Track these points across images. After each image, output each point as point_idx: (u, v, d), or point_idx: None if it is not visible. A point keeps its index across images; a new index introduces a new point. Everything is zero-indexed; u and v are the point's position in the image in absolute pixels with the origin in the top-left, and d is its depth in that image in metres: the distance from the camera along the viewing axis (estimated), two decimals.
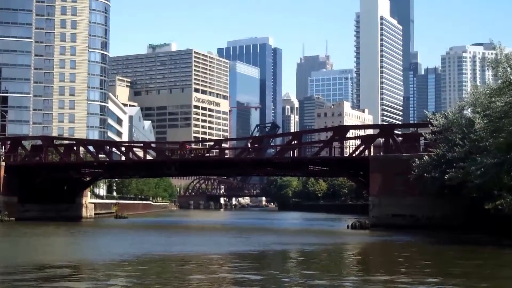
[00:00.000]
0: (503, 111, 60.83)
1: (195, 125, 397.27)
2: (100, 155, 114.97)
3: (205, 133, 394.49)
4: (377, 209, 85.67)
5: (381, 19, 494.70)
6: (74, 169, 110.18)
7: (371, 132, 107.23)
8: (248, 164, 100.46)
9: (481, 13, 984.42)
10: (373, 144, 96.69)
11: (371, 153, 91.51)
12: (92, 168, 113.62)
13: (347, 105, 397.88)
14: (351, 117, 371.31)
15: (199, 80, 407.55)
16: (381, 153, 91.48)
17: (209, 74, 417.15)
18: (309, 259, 46.53)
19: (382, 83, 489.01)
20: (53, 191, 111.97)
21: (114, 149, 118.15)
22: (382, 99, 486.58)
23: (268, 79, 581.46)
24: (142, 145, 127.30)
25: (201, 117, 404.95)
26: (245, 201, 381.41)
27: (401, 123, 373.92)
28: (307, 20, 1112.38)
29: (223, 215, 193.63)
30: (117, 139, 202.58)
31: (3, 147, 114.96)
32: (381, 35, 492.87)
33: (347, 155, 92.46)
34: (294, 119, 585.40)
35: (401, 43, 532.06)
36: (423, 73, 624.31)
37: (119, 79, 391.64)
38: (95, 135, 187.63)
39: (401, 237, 67.99)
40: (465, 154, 68.73)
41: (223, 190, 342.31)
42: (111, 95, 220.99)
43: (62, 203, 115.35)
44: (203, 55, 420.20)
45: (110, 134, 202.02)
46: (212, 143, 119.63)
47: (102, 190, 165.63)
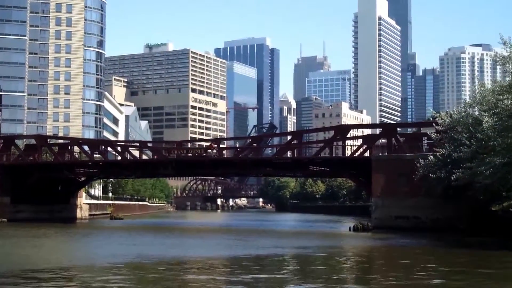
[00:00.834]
0: None
1: (192, 126, 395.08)
2: (95, 155, 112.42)
3: (202, 133, 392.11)
4: (380, 210, 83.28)
5: (379, 19, 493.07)
6: (68, 169, 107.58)
7: (370, 132, 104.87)
8: (246, 164, 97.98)
9: (479, 14, 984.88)
10: (374, 144, 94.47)
11: (372, 153, 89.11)
12: (86, 168, 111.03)
13: (345, 106, 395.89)
14: (349, 118, 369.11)
15: (196, 80, 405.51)
16: (383, 153, 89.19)
17: (206, 74, 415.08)
18: (314, 263, 44.07)
19: (380, 83, 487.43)
20: (46, 191, 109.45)
21: (109, 149, 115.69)
22: (380, 100, 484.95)
23: (265, 80, 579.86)
24: (138, 144, 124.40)
25: (198, 118, 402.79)
26: (242, 202, 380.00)
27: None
28: (305, 20, 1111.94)
29: (220, 217, 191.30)
30: (113, 139, 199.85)
31: None
32: (379, 35, 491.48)
33: (348, 155, 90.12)
34: (291, 120, 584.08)
35: (399, 44, 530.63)
36: (421, 74, 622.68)
37: (115, 79, 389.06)
38: (90, 135, 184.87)
39: (405, 240, 65.55)
40: (472, 154, 66.34)
41: (220, 191, 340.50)
42: (107, 94, 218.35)
43: (56, 203, 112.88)
44: (200, 55, 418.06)
45: (106, 133, 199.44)
46: (208, 144, 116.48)
47: (97, 190, 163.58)
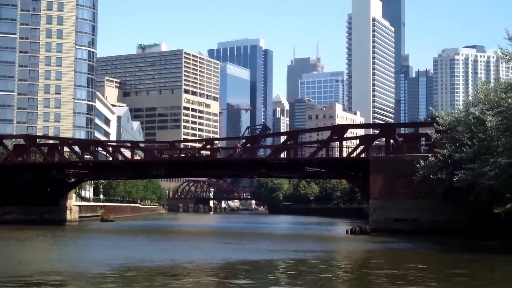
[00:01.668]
0: None
1: (185, 127, 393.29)
2: (85, 156, 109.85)
3: (194, 135, 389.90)
4: (378, 213, 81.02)
5: (373, 20, 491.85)
6: (57, 170, 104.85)
7: (364, 132, 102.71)
8: (241, 164, 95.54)
9: (472, 16, 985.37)
10: (371, 144, 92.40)
11: (369, 154, 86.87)
12: (76, 168, 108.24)
13: (338, 107, 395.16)
14: (343, 119, 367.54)
15: (189, 81, 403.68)
16: (381, 154, 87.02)
17: (199, 75, 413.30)
18: (314, 270, 41.57)
19: (374, 85, 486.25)
20: (35, 192, 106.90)
21: (100, 150, 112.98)
22: (374, 101, 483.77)
23: (258, 81, 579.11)
24: (129, 145, 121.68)
25: (191, 119, 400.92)
26: (235, 204, 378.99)
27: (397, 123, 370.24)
28: (298, 22, 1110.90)
29: (212, 219, 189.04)
30: (105, 140, 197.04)
31: None
32: (373, 36, 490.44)
33: (345, 156, 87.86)
34: (284, 121, 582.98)
35: (393, 45, 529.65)
36: (414, 76, 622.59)
37: (108, 80, 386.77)
38: (81, 135, 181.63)
39: (406, 244, 63.18)
40: (474, 154, 64.19)
41: (212, 193, 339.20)
42: (98, 94, 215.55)
43: (45, 205, 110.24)
44: (193, 55, 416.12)
45: (97, 134, 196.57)
46: (199, 145, 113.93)
47: (88, 192, 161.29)
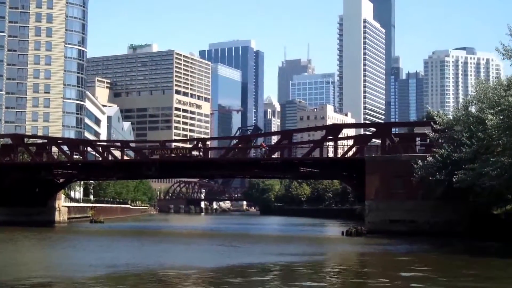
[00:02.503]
0: None
1: (176, 128, 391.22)
2: (75, 156, 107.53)
3: (186, 135, 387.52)
4: (374, 214, 79.34)
5: (365, 22, 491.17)
6: (45, 170, 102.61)
7: (356, 132, 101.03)
8: (234, 165, 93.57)
9: (462, 18, 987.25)
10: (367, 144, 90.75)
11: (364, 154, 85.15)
12: (65, 168, 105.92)
13: (329, 109, 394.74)
14: (334, 120, 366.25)
15: (180, 82, 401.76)
16: (376, 154, 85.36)
17: (191, 76, 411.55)
18: (313, 275, 39.65)
19: (365, 86, 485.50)
20: (23, 193, 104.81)
21: (90, 149, 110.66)
22: (365, 102, 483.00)
23: (250, 82, 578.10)
24: (119, 144, 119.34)
25: (182, 120, 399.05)
26: (226, 205, 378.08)
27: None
28: (289, 23, 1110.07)
29: (204, 220, 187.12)
30: (95, 139, 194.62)
31: None
32: (364, 38, 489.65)
33: (340, 156, 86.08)
34: (275, 122, 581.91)
35: (384, 47, 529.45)
36: (404, 77, 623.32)
37: (98, 80, 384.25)
38: (71, 135, 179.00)
39: (405, 246, 61.26)
40: (473, 154, 62.55)
41: (203, 194, 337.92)
42: (88, 93, 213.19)
43: (33, 206, 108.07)
44: (184, 56, 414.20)
45: (87, 134, 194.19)
46: (190, 145, 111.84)
47: (78, 193, 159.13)
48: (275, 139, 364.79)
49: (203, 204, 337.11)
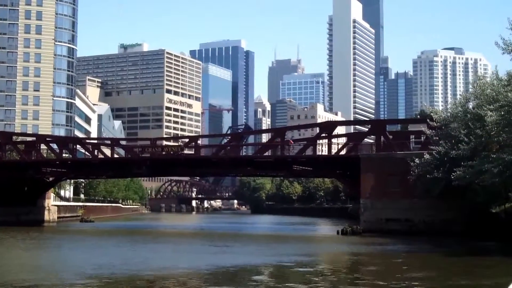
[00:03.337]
0: None
1: (167, 127, 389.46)
2: (64, 154, 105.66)
3: (176, 134, 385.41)
4: (369, 213, 78.13)
5: (354, 22, 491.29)
6: (34, 168, 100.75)
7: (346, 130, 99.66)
8: (226, 163, 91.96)
9: (450, 19, 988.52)
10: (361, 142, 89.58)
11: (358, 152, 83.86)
12: (54, 167, 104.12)
13: (320, 108, 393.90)
14: (324, 120, 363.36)
15: (171, 81, 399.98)
16: (370, 152, 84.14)
17: (182, 75, 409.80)
18: (312, 277, 38.25)
19: (355, 86, 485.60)
20: (12, 192, 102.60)
21: (79, 147, 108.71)
22: (355, 102, 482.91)
23: (240, 82, 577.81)
24: (109, 142, 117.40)
25: (173, 119, 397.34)
26: (217, 204, 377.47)
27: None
28: (279, 23, 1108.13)
29: (195, 219, 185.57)
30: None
31: None
32: (354, 38, 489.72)
33: (334, 154, 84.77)
34: (266, 122, 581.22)
35: (374, 47, 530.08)
36: (393, 77, 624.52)
37: (89, 79, 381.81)
38: (61, 134, 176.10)
39: (403, 246, 59.91)
40: (472, 151, 61.38)
41: (195, 192, 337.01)
42: (79, 91, 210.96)
43: (22, 205, 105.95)
44: (175, 55, 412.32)
45: (77, 133, 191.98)
46: (183, 142, 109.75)
47: (68, 192, 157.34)
48: (265, 137, 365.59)
49: (194, 203, 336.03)
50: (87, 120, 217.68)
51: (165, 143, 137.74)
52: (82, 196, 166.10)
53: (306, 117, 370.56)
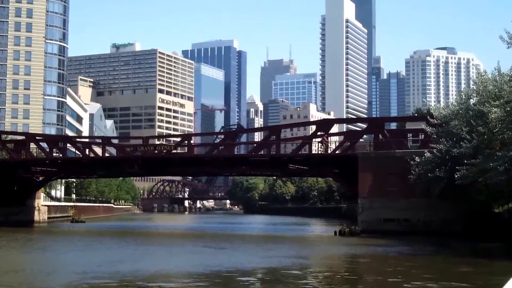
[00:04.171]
0: None
1: (159, 127, 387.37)
2: (54, 154, 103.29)
3: (169, 134, 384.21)
4: (367, 213, 76.26)
5: (347, 21, 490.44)
6: (23, 168, 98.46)
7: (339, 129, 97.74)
8: (220, 162, 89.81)
9: (442, 19, 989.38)
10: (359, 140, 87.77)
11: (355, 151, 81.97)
12: (44, 166, 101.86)
13: (313, 107, 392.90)
14: (317, 119, 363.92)
15: (163, 81, 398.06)
16: (367, 150, 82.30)
17: (174, 75, 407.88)
18: (313, 279, 36.25)
19: (347, 86, 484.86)
20: (1, 192, 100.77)
21: (69, 146, 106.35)
22: (347, 102, 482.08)
23: (232, 82, 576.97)
24: (100, 141, 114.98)
25: (165, 118, 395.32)
26: (210, 204, 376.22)
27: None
28: (272, 23, 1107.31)
29: (187, 219, 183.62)
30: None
31: None
32: (347, 37, 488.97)
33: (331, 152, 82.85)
34: (258, 122, 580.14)
35: (366, 47, 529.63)
36: (385, 77, 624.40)
37: (81, 79, 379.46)
38: (52, 133, 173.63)
39: (404, 248, 57.84)
40: (474, 149, 59.54)
41: (187, 192, 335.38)
42: (70, 90, 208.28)
43: (11, 205, 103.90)
44: (167, 55, 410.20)
45: (68, 132, 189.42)
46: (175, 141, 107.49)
47: (59, 192, 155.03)
48: (257, 136, 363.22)
49: (186, 203, 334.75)
50: (79, 119, 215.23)
51: (157, 142, 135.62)
52: (73, 196, 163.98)
53: (299, 117, 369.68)
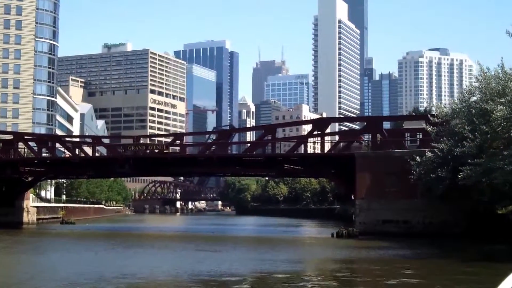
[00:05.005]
0: None
1: (151, 127, 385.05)
2: (44, 154, 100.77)
3: (161, 134, 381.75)
4: (365, 214, 74.20)
5: (340, 22, 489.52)
6: (11, 167, 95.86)
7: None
8: (213, 162, 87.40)
9: (435, 20, 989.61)
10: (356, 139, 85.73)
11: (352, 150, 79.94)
12: (32, 166, 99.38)
13: (305, 108, 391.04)
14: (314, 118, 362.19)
15: (155, 81, 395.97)
16: (364, 150, 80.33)
17: (166, 75, 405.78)
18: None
19: (340, 87, 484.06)
20: None
21: (59, 146, 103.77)
22: (340, 103, 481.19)
23: (224, 83, 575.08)
24: (90, 140, 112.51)
25: (157, 119, 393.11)
26: (201, 205, 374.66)
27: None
28: (264, 24, 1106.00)
29: (179, 220, 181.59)
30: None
31: None
32: (339, 38, 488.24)
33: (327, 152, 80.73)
34: (250, 123, 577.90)
35: (359, 48, 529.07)
36: (377, 79, 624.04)
37: (72, 79, 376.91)
38: (41, 133, 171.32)
39: (405, 251, 55.67)
40: (477, 148, 57.53)
41: (179, 194, 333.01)
42: (60, 90, 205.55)
43: None
44: (159, 55, 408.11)
45: (59, 132, 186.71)
46: (169, 140, 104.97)
47: (49, 192, 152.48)
48: (250, 136, 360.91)
49: (178, 204, 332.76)
50: (69, 119, 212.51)
51: (149, 141, 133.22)
52: (63, 197, 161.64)
53: (291, 117, 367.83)
